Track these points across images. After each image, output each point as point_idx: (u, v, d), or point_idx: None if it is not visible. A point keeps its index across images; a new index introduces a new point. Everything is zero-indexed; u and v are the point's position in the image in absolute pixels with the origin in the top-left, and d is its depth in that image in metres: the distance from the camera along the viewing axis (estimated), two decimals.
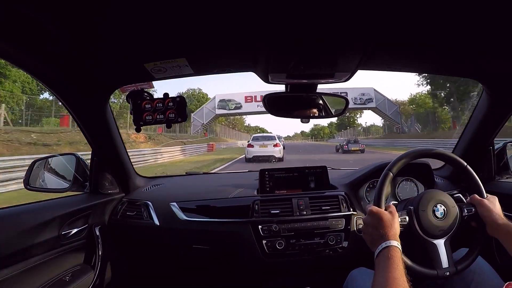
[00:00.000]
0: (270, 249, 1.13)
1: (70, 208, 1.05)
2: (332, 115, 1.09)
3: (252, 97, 30.87)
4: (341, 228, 1.18)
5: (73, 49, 0.73)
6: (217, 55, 0.85)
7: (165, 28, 0.69)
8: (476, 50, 0.82)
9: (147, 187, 1.40)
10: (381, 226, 0.71)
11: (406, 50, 0.83)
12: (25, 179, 1.11)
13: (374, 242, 0.71)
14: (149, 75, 0.91)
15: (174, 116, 0.91)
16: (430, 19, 0.67)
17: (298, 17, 0.65)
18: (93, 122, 1.08)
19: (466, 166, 0.84)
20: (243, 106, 31.29)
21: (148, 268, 1.37)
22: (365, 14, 0.64)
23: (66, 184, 1.17)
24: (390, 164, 0.83)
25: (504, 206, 0.99)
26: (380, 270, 0.64)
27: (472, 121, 1.22)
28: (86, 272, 1.08)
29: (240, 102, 31.37)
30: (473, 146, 1.24)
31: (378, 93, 30.91)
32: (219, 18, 0.66)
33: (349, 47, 0.77)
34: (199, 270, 1.36)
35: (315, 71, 0.88)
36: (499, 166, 1.25)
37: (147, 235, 1.25)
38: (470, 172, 0.83)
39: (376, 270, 0.66)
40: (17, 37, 0.65)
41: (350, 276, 0.94)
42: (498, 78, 0.98)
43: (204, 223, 1.19)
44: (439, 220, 0.77)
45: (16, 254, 0.83)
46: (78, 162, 1.20)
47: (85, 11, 0.60)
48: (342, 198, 1.23)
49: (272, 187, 1.28)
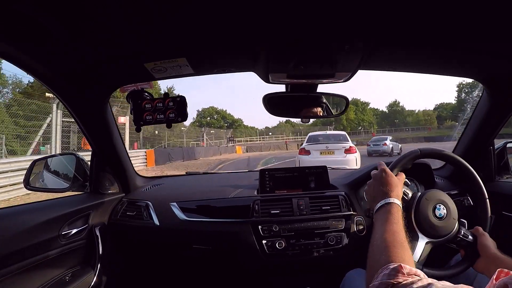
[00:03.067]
0: (270, 249, 1.13)
1: (70, 208, 1.05)
2: (332, 115, 1.09)
3: None
4: (341, 228, 1.18)
5: (73, 48, 0.73)
6: (218, 55, 0.85)
7: (165, 28, 0.69)
8: (477, 50, 0.82)
9: (147, 187, 1.40)
10: (386, 184, 0.72)
11: (407, 49, 0.83)
12: (25, 179, 1.12)
13: (376, 198, 0.72)
14: (149, 75, 0.91)
15: (175, 116, 0.91)
16: (431, 19, 0.67)
17: (298, 17, 0.65)
18: (93, 122, 1.08)
19: (482, 189, 0.85)
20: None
21: (148, 268, 1.37)
22: (366, 13, 0.64)
23: (66, 184, 1.18)
24: (421, 148, 0.86)
25: (504, 206, 0.99)
26: (380, 224, 0.64)
27: (472, 121, 1.22)
28: (86, 272, 1.08)
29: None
30: (473, 146, 1.24)
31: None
32: (220, 18, 0.66)
33: (349, 46, 0.77)
34: (199, 270, 1.36)
35: (316, 71, 0.88)
36: (499, 166, 1.25)
37: (147, 235, 1.25)
38: (482, 191, 0.85)
39: (375, 224, 0.66)
40: (17, 36, 0.65)
41: (347, 277, 0.94)
42: (499, 78, 0.98)
43: (204, 223, 1.19)
44: (437, 219, 0.77)
45: (16, 254, 0.83)
46: (78, 162, 1.20)
47: (84, 10, 0.60)
48: (342, 198, 1.22)
49: (272, 187, 1.28)
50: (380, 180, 0.74)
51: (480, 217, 0.85)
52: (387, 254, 0.55)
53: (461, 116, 29.39)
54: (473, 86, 25.07)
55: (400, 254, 0.55)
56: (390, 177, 0.74)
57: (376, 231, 0.64)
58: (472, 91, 26.34)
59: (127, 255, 1.32)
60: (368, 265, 0.59)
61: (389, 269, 0.50)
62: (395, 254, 0.55)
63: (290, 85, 1.02)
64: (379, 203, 0.69)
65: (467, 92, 43.02)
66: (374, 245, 0.61)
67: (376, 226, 0.65)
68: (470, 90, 31.84)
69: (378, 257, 0.57)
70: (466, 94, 44.07)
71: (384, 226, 0.63)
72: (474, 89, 25.49)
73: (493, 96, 1.07)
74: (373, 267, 0.56)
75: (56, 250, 0.97)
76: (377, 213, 0.68)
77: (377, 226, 0.65)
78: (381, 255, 0.56)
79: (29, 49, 0.70)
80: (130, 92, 0.94)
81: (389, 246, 0.57)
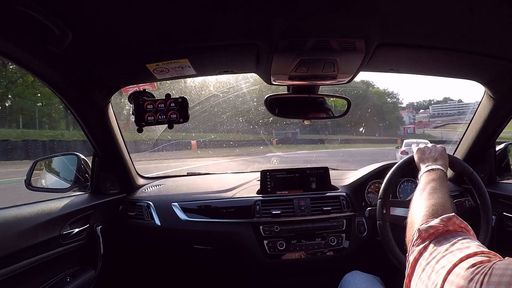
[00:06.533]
0: (271, 250, 1.13)
1: (71, 208, 1.04)
2: (334, 117, 1.09)
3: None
4: (342, 229, 1.18)
5: (75, 49, 0.72)
6: (220, 56, 0.84)
7: (168, 29, 0.69)
8: (479, 53, 0.82)
9: (148, 187, 1.40)
10: (442, 155, 0.80)
11: (409, 51, 0.83)
12: (26, 179, 1.11)
13: (427, 160, 0.79)
14: (151, 76, 0.91)
15: (176, 117, 0.91)
16: (433, 21, 0.67)
17: (301, 18, 0.65)
18: (95, 122, 1.08)
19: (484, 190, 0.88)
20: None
21: (149, 268, 1.37)
22: (368, 15, 0.64)
23: (68, 184, 1.18)
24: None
25: (505, 207, 0.99)
26: (426, 184, 0.67)
27: (473, 123, 1.22)
28: (87, 272, 1.08)
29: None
30: (474, 148, 1.24)
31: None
32: (222, 19, 0.66)
33: (351, 48, 0.77)
34: (200, 270, 1.36)
35: (317, 72, 0.88)
36: (500, 167, 1.25)
37: (148, 235, 1.25)
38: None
39: (421, 183, 0.69)
40: (20, 36, 0.65)
41: (344, 280, 0.93)
42: (500, 80, 0.98)
43: (205, 223, 1.19)
44: None
45: (17, 254, 0.83)
46: (79, 162, 1.20)
47: (87, 10, 0.60)
48: (344, 199, 1.23)
49: (273, 187, 1.28)
50: (438, 149, 0.82)
51: (482, 218, 0.85)
52: (438, 206, 0.56)
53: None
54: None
55: (450, 211, 0.54)
56: (445, 152, 0.82)
57: (423, 188, 0.66)
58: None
59: (128, 255, 1.32)
60: (410, 218, 0.60)
61: (443, 216, 0.48)
62: (446, 209, 0.55)
63: (292, 87, 1.02)
64: (429, 166, 0.74)
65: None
66: (420, 200, 0.62)
67: (423, 185, 0.68)
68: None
69: (426, 207, 0.57)
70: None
71: (434, 185, 0.65)
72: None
73: (494, 98, 1.07)
74: (417, 218, 0.56)
75: (57, 250, 0.97)
76: (425, 174, 0.73)
77: (425, 185, 0.67)
78: (431, 205, 0.57)
79: (32, 49, 0.70)
80: (132, 93, 0.94)
81: (439, 201, 0.58)
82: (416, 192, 0.67)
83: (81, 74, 0.86)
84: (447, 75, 1.03)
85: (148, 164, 7.41)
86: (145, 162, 7.49)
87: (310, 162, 10.75)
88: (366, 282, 0.85)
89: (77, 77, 0.87)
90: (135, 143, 5.99)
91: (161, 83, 1.08)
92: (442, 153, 0.81)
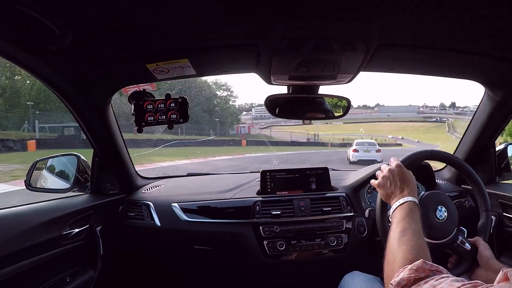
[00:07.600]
0: (271, 250, 1.13)
1: (71, 209, 1.04)
2: (334, 117, 1.09)
3: None
4: (342, 229, 1.18)
5: (76, 49, 0.73)
6: (220, 56, 0.85)
7: (169, 29, 0.69)
8: (479, 53, 0.82)
9: (148, 188, 1.40)
10: (403, 180, 0.72)
11: (409, 51, 0.83)
12: (26, 179, 1.11)
13: (394, 195, 0.72)
14: (151, 76, 0.91)
15: (176, 117, 0.91)
16: (433, 21, 0.67)
17: (301, 18, 0.65)
18: (95, 122, 1.08)
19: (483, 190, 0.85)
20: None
21: (149, 268, 1.37)
22: (368, 15, 0.64)
23: (68, 184, 1.17)
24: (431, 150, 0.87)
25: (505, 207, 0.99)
26: (398, 222, 0.65)
27: (473, 123, 1.22)
28: (86, 273, 1.08)
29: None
30: (474, 148, 1.24)
31: None
32: (222, 19, 0.66)
33: (351, 48, 0.77)
34: (200, 270, 1.36)
35: (317, 72, 0.88)
36: (500, 167, 1.25)
37: (148, 235, 1.25)
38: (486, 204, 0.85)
39: (394, 222, 0.66)
40: (20, 36, 0.65)
41: (344, 280, 0.93)
42: (500, 80, 0.98)
43: (205, 223, 1.19)
44: (437, 220, 0.78)
45: (17, 254, 0.83)
46: (79, 162, 1.19)
47: (87, 10, 0.60)
48: (343, 199, 1.23)
49: (273, 188, 1.28)
50: (397, 176, 0.73)
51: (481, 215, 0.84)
52: (407, 253, 0.56)
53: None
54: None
55: (422, 252, 0.55)
56: (406, 173, 0.73)
57: (394, 230, 0.63)
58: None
59: (128, 256, 1.32)
60: (386, 262, 0.59)
61: (411, 266, 0.50)
62: (416, 253, 0.55)
63: (292, 87, 1.02)
64: (397, 202, 0.69)
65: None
66: (393, 244, 0.61)
67: (395, 224, 0.65)
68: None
69: (398, 255, 0.57)
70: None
71: (404, 225, 0.63)
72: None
73: (494, 98, 1.07)
74: (392, 265, 0.56)
75: (57, 251, 0.97)
76: (396, 211, 0.68)
77: (396, 224, 0.64)
78: (402, 253, 0.56)
79: (32, 49, 0.70)
80: (132, 93, 0.94)
81: (409, 245, 0.58)
82: (390, 231, 0.65)
83: (81, 74, 0.86)
84: (447, 75, 1.03)
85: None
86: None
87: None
88: (366, 282, 0.85)
89: (77, 77, 0.87)
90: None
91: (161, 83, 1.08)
92: (404, 178, 0.73)
